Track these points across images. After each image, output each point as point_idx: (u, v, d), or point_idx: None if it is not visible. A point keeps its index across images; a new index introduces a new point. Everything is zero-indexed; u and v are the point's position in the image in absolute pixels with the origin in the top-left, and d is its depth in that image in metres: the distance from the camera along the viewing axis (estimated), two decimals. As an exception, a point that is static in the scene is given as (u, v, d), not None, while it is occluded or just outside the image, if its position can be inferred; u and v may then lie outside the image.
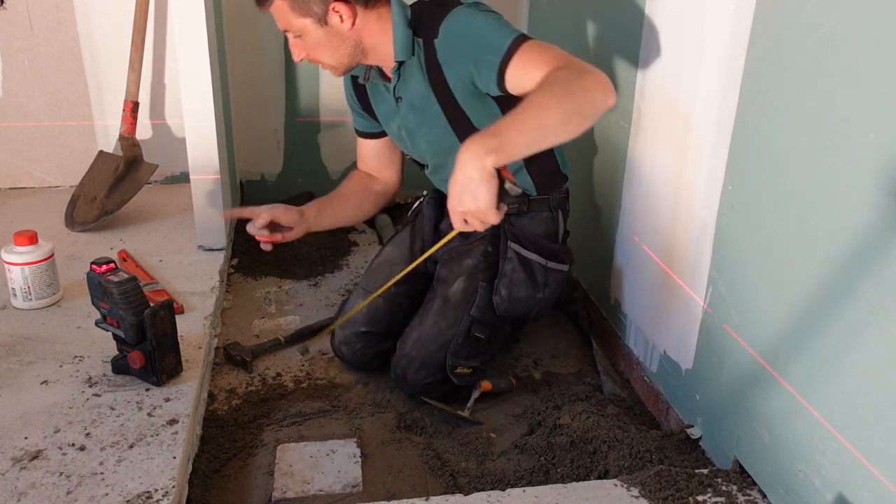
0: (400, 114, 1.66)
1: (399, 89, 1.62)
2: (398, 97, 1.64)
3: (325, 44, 1.53)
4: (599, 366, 1.82)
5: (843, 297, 1.04)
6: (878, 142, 0.96)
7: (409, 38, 1.55)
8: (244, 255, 2.32)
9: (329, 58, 1.56)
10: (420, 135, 1.67)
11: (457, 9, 1.49)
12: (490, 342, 1.70)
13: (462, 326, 1.66)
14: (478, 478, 1.47)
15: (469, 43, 1.46)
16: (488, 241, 1.70)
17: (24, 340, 1.65)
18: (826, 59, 1.06)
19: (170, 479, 1.25)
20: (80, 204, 2.31)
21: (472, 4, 1.51)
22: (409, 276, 1.69)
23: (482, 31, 1.44)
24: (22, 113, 2.51)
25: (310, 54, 1.56)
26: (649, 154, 1.64)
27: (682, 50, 1.47)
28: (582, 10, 2.00)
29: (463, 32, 1.47)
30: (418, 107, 1.62)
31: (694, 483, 1.28)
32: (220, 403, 1.66)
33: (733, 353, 1.33)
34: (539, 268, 1.68)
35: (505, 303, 1.66)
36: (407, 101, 1.63)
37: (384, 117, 1.75)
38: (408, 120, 1.66)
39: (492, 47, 1.41)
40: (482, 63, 1.44)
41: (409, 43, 1.55)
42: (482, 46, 1.43)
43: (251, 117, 2.63)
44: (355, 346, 1.78)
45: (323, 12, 1.48)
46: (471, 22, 1.46)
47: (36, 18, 2.41)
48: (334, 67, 1.58)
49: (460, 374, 1.67)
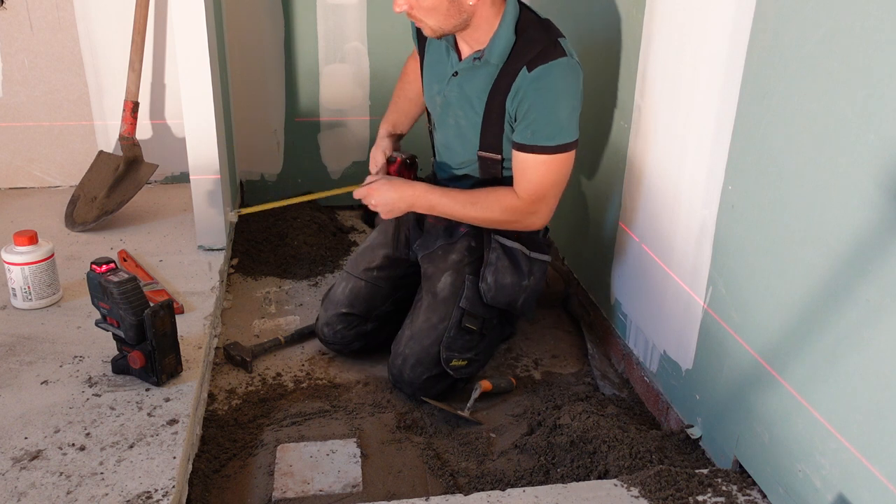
0: (448, 85, 1.70)
1: (462, 70, 1.65)
2: (456, 72, 1.67)
3: (441, 9, 1.52)
4: (596, 370, 1.82)
5: (843, 297, 1.04)
6: (878, 142, 0.96)
7: (510, 44, 1.58)
8: (244, 255, 2.32)
9: (435, 22, 1.55)
10: (452, 112, 1.72)
11: (560, 65, 1.54)
12: (482, 334, 1.72)
13: (453, 319, 1.68)
14: (478, 478, 1.47)
15: (538, 111, 1.56)
16: (472, 237, 1.76)
17: (24, 340, 1.65)
18: (826, 59, 1.06)
19: (170, 479, 1.25)
20: (80, 204, 2.31)
21: (571, 68, 1.56)
22: (389, 261, 1.85)
23: (552, 115, 1.57)
24: (22, 113, 2.51)
25: (417, 12, 1.54)
26: (649, 154, 1.64)
27: (682, 50, 1.47)
28: (582, 11, 2.00)
29: (544, 98, 1.56)
30: (468, 94, 1.66)
31: (694, 483, 1.28)
32: (220, 403, 1.66)
33: (733, 353, 1.33)
34: (522, 256, 1.74)
35: (492, 290, 1.71)
36: (461, 83, 1.67)
37: (430, 74, 1.78)
38: (451, 94, 1.70)
39: (539, 133, 1.57)
40: (525, 129, 1.58)
41: (508, 49, 1.58)
42: (539, 123, 1.57)
43: (251, 117, 2.63)
44: (336, 328, 1.81)
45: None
46: (557, 97, 1.56)
47: (36, 18, 2.41)
48: (432, 30, 1.58)
49: (456, 366, 1.68)
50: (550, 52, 1.55)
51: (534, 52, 1.55)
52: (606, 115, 1.87)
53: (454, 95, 1.69)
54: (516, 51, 1.58)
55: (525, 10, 1.61)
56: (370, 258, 1.86)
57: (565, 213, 2.20)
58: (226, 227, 2.14)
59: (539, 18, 1.62)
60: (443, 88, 1.71)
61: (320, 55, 2.58)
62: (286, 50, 2.56)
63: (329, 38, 2.55)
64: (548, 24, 1.62)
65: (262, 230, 2.47)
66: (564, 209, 2.20)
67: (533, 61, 1.55)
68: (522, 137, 1.59)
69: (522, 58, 1.56)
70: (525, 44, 1.57)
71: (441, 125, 1.78)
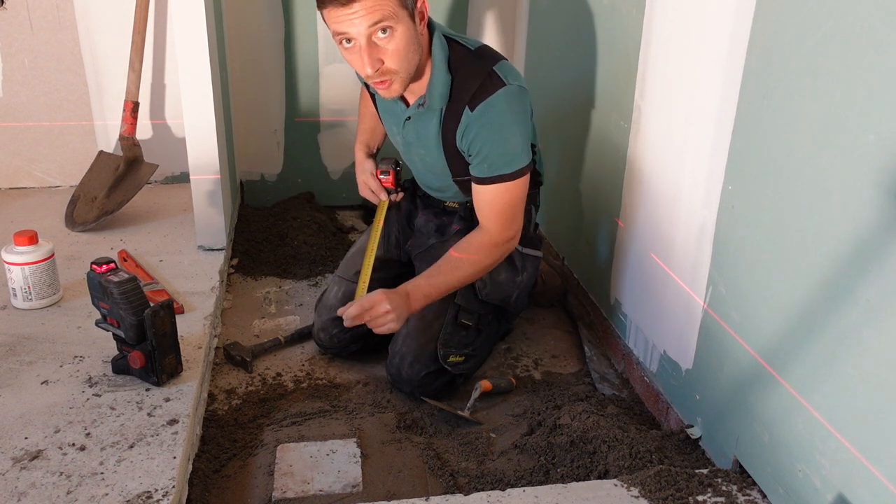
0: (404, 128, 1.69)
1: (413, 115, 1.64)
2: (408, 117, 1.66)
3: (411, 43, 1.44)
4: (594, 372, 1.82)
5: (843, 297, 1.04)
6: (879, 141, 0.96)
7: (448, 86, 1.55)
8: (244, 255, 2.32)
9: (406, 65, 1.46)
10: (415, 151, 1.73)
11: (500, 97, 1.51)
12: (479, 330, 1.73)
13: (448, 315, 1.69)
14: (478, 478, 1.47)
15: (489, 147, 1.55)
16: (464, 234, 1.75)
17: (24, 340, 1.65)
18: (826, 59, 1.06)
19: (170, 479, 1.25)
20: (80, 204, 2.31)
21: (513, 95, 1.53)
22: (380, 263, 1.83)
23: (504, 147, 1.55)
24: (22, 113, 2.51)
25: (390, 62, 1.44)
26: (649, 154, 1.64)
27: (682, 50, 1.47)
28: (582, 11, 2.00)
29: (492, 133, 1.54)
30: (424, 136, 1.66)
31: (694, 483, 1.28)
32: (220, 403, 1.67)
33: (733, 353, 1.33)
34: (516, 252, 1.75)
35: (487, 286, 1.72)
36: (415, 126, 1.66)
37: (385, 115, 1.78)
38: (409, 136, 1.70)
39: (495, 165, 1.56)
40: (481, 164, 1.57)
41: (446, 90, 1.55)
42: (493, 156, 1.55)
43: (251, 117, 2.63)
44: (331, 332, 1.81)
45: (412, 6, 1.43)
46: (504, 129, 1.54)
47: (36, 18, 2.41)
48: (402, 82, 1.49)
49: (454, 362, 1.69)
50: (488, 86, 1.52)
51: (472, 88, 1.52)
52: (606, 115, 1.87)
53: (412, 137, 1.69)
54: (455, 90, 1.55)
55: (454, 46, 1.56)
56: (361, 261, 1.84)
57: (565, 212, 2.20)
58: (226, 227, 2.14)
59: (470, 50, 1.56)
60: (400, 130, 1.71)
61: (320, 55, 2.58)
62: (286, 50, 2.56)
63: (329, 38, 2.55)
64: (480, 52, 1.56)
65: (262, 230, 2.48)
66: (564, 209, 2.20)
67: (473, 99, 1.52)
68: (480, 171, 1.58)
69: (463, 97, 1.54)
70: (462, 82, 1.54)
71: (408, 161, 1.80)
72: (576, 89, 2.06)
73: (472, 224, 1.75)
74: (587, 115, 2.00)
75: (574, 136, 2.07)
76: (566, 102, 2.15)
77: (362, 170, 1.90)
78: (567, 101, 2.14)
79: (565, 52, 2.15)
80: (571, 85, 2.09)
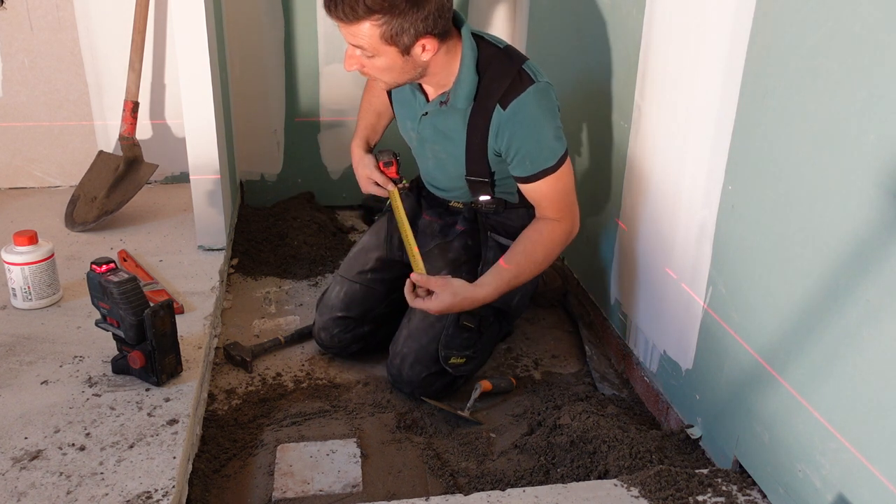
0: (420, 123, 1.69)
1: (431, 111, 1.64)
2: (426, 112, 1.65)
3: (395, 69, 1.50)
4: (595, 372, 1.82)
5: (843, 297, 1.04)
6: (878, 141, 0.96)
7: (474, 87, 1.56)
8: (244, 255, 2.32)
9: (390, 78, 1.53)
10: (429, 147, 1.71)
11: (530, 94, 1.53)
12: (480, 332, 1.72)
13: (450, 317, 1.68)
14: (478, 478, 1.47)
15: (528, 145, 1.56)
16: (468, 235, 1.77)
17: (24, 340, 1.65)
18: (826, 58, 1.06)
19: (170, 479, 1.25)
20: (80, 204, 2.31)
21: (542, 92, 1.55)
22: (382, 264, 1.84)
23: (542, 142, 1.56)
24: (22, 113, 2.51)
25: (369, 72, 1.52)
26: (649, 154, 1.64)
27: (682, 50, 1.47)
28: (582, 11, 2.00)
29: (528, 131, 1.55)
30: (443, 132, 1.65)
31: (694, 483, 1.28)
32: (220, 403, 1.66)
33: (733, 353, 1.33)
34: None
35: None
36: (433, 121, 1.65)
37: (400, 110, 1.77)
38: (425, 132, 1.69)
39: (537, 161, 1.57)
40: (522, 163, 1.58)
41: (472, 91, 1.57)
42: (533, 154, 1.57)
43: (251, 117, 2.63)
44: (332, 332, 1.81)
45: (410, 44, 1.45)
46: (539, 125, 1.55)
47: (36, 18, 2.41)
48: (387, 84, 1.57)
49: (455, 364, 1.68)
50: (518, 84, 1.54)
51: (503, 87, 1.54)
52: (606, 115, 1.87)
53: (428, 133, 1.68)
54: (484, 89, 1.56)
55: (484, 45, 1.58)
56: (363, 261, 1.85)
57: (565, 213, 2.20)
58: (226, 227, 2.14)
59: (499, 49, 1.58)
60: (415, 125, 1.70)
61: (320, 55, 2.58)
62: (286, 50, 2.56)
63: (329, 38, 2.55)
64: (508, 51, 1.59)
65: (262, 230, 2.48)
66: (564, 209, 2.20)
67: (505, 98, 1.54)
68: (524, 171, 1.59)
69: (493, 95, 1.55)
70: (491, 81, 1.55)
71: (420, 156, 1.79)
72: (576, 89, 2.06)
73: (476, 225, 1.74)
74: (587, 114, 2.00)
75: (574, 136, 2.07)
76: (566, 102, 2.15)
77: (363, 165, 1.85)
78: (567, 100, 2.14)
79: (565, 52, 2.15)
80: (571, 85, 2.09)
